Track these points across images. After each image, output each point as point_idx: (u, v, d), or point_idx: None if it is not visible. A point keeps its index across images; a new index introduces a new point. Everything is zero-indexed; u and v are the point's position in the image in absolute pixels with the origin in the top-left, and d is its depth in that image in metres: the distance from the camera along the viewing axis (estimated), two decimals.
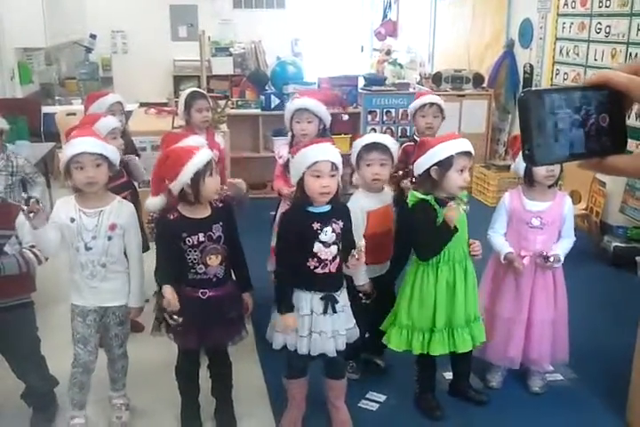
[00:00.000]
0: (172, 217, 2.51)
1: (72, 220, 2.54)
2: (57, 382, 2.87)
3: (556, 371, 3.21)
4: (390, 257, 3.03)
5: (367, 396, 3.03)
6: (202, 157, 2.44)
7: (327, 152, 2.48)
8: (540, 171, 2.81)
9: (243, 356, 2.93)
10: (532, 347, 2.96)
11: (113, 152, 2.59)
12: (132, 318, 2.75)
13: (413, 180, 3.60)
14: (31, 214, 2.34)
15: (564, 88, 0.77)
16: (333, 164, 2.46)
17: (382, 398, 3.03)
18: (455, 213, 2.55)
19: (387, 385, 3.12)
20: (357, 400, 2.98)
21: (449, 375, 3.06)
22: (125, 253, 2.67)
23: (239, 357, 2.82)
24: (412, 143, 3.74)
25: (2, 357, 2.76)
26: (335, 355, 2.57)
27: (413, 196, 2.66)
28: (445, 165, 2.59)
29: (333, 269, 2.53)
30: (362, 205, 2.84)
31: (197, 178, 2.41)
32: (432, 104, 3.70)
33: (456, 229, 2.58)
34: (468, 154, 2.63)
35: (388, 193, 3.04)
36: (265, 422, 2.85)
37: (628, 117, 0.81)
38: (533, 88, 0.79)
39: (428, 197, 2.63)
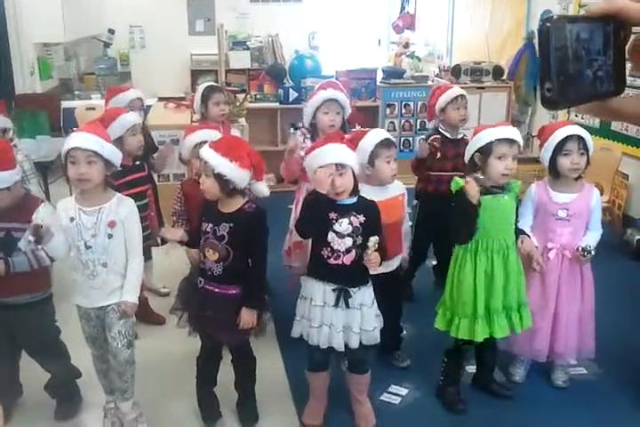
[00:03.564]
0: (212, 201, 2.56)
1: (71, 219, 2.49)
2: (79, 373, 2.89)
3: (580, 365, 3.18)
4: (397, 252, 3.01)
5: (389, 389, 3.02)
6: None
7: (327, 154, 2.48)
8: (565, 163, 2.79)
9: (264, 349, 2.93)
10: (559, 340, 2.94)
11: (111, 151, 2.51)
12: (126, 313, 2.58)
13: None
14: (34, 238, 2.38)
15: (581, 17, 0.67)
16: (337, 164, 2.47)
17: (404, 391, 3.02)
18: (470, 187, 2.55)
19: (409, 379, 3.11)
20: (380, 394, 2.97)
21: (471, 369, 3.04)
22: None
23: (260, 350, 2.82)
24: (440, 136, 3.73)
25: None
26: (343, 350, 2.55)
27: (456, 183, 2.65)
28: (486, 151, 2.62)
29: (347, 262, 2.51)
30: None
31: None
32: (462, 96, 3.72)
33: (479, 204, 2.57)
34: (509, 141, 2.62)
35: (397, 184, 3.01)
36: (287, 416, 2.85)
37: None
38: (555, 15, 0.68)
39: None
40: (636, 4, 0.68)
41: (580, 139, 2.80)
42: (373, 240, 2.44)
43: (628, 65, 0.74)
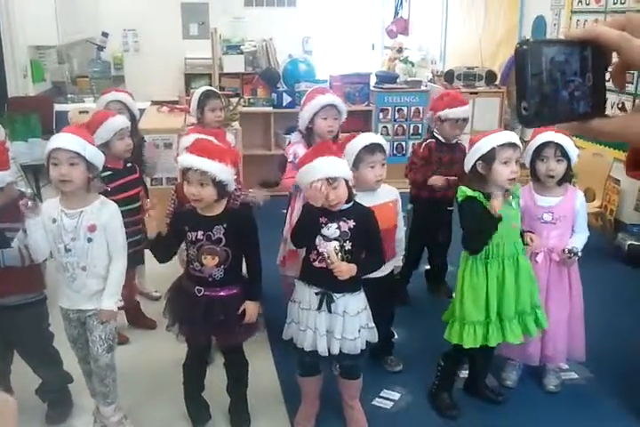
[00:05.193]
0: (185, 209, 2.54)
1: (53, 220, 2.48)
2: (71, 379, 2.87)
3: (572, 370, 3.18)
4: (390, 257, 2.97)
5: (381, 394, 3.02)
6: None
7: (318, 170, 2.46)
8: (541, 169, 2.83)
9: (256, 353, 2.93)
10: (548, 344, 2.94)
11: (93, 153, 2.49)
12: (105, 320, 2.55)
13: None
14: (29, 210, 2.38)
15: (558, 41, 0.70)
16: (329, 178, 2.45)
17: (397, 396, 3.02)
18: (498, 203, 2.52)
19: (401, 383, 3.11)
20: (372, 398, 2.97)
21: (464, 373, 3.04)
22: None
23: (253, 354, 2.82)
24: (434, 140, 3.73)
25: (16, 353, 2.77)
26: (326, 355, 2.53)
27: (462, 192, 2.62)
28: (489, 158, 2.58)
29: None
30: None
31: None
32: (466, 119, 3.76)
33: (500, 219, 2.54)
34: (511, 145, 2.60)
35: (389, 190, 2.99)
36: (279, 420, 2.84)
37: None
38: (532, 38, 0.71)
39: (476, 194, 2.59)
40: (613, 30, 0.70)
41: (558, 146, 2.80)
42: (331, 248, 2.42)
43: (612, 87, 0.75)
